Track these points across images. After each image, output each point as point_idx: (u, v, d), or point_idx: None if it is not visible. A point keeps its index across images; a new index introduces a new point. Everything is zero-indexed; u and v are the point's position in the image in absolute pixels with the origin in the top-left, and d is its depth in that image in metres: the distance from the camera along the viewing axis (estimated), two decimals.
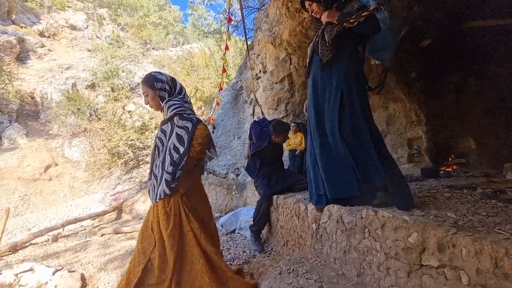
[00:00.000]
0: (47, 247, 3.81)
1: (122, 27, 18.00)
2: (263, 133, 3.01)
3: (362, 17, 1.65)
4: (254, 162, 3.13)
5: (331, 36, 1.78)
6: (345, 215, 1.55)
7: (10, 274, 2.54)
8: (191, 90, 7.95)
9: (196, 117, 1.64)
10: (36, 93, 12.00)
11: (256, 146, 3.05)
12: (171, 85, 1.67)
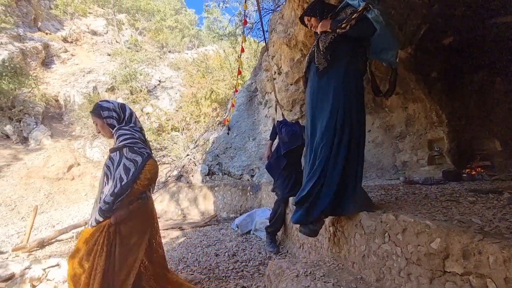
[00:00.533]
0: (72, 243, 4.00)
1: (140, 32, 18.55)
2: (295, 133, 2.99)
3: (353, 20, 1.63)
4: (279, 162, 3.08)
5: (325, 44, 1.78)
6: (364, 219, 1.53)
7: (38, 269, 2.69)
8: (207, 92, 8.08)
9: (147, 151, 1.59)
10: (60, 96, 12.56)
11: (287, 146, 2.99)
12: (119, 112, 1.66)
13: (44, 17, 16.03)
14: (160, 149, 7.27)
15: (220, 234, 3.80)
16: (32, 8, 15.33)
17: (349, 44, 1.76)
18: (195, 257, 2.88)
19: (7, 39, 12.46)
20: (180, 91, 12.80)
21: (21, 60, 12.06)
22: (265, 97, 5.60)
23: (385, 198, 2.22)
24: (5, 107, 9.74)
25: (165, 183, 5.61)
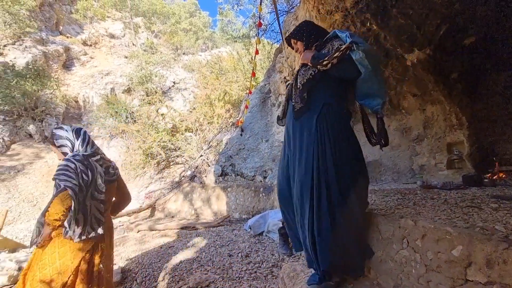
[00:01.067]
0: None
1: (156, 34, 18.99)
2: None
3: (334, 59, 1.43)
4: None
5: (303, 80, 1.56)
6: (382, 223, 1.51)
7: None
8: (220, 93, 8.16)
9: (66, 183, 1.51)
10: (79, 97, 13.04)
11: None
12: (72, 140, 1.67)
13: (65, 21, 16.70)
14: (174, 149, 7.41)
15: (233, 234, 3.83)
16: (54, 12, 16.01)
17: (331, 83, 1.55)
18: (209, 257, 2.92)
19: (31, 42, 13.07)
20: (193, 92, 12.99)
21: (43, 62, 12.62)
22: (278, 99, 5.59)
23: (403, 203, 2.17)
24: (28, 108, 10.20)
25: (179, 183, 5.71)
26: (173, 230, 4.24)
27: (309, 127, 1.51)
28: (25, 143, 9.93)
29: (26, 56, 12.18)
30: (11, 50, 12.38)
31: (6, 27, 12.05)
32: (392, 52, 3.69)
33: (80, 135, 1.71)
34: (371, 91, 1.57)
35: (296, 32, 1.72)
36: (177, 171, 7.18)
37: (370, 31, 3.46)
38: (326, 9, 3.36)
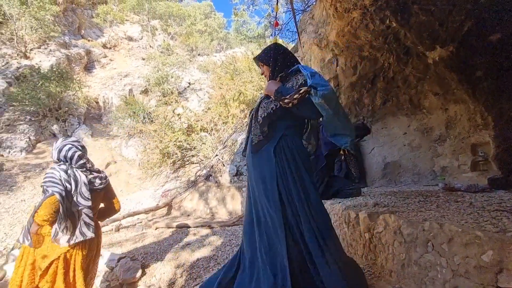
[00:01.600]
0: (111, 236, 4.29)
1: (172, 36, 19.38)
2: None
3: (295, 100, 1.41)
4: (317, 162, 2.99)
5: (264, 113, 1.52)
6: (405, 226, 1.47)
7: None
8: (235, 94, 8.22)
9: (53, 188, 1.68)
10: (99, 98, 13.52)
11: (330, 147, 2.87)
12: (55, 155, 1.87)
13: (87, 25, 17.37)
14: (189, 149, 7.53)
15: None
16: (76, 17, 16.69)
17: (292, 115, 1.51)
18: (225, 256, 2.94)
19: (55, 46, 13.69)
20: (208, 92, 13.15)
21: (66, 65, 13.18)
22: None
23: (425, 206, 2.11)
24: (52, 108, 10.68)
25: (195, 182, 5.80)
26: (190, 228, 4.31)
27: (269, 159, 1.48)
28: (49, 142, 10.40)
29: (51, 59, 12.78)
30: (37, 54, 13.03)
31: (33, 32, 12.68)
32: (413, 49, 3.59)
33: (60, 152, 1.87)
34: (337, 131, 1.55)
35: (263, 55, 1.67)
36: (193, 171, 7.29)
37: (390, 28, 3.38)
38: (344, 7, 3.31)
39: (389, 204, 2.29)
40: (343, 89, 4.15)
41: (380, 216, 1.70)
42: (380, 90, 4.19)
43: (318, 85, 1.39)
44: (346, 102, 4.26)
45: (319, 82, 1.41)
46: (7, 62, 11.94)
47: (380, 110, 4.36)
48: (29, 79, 10.61)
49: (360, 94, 4.20)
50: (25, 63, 12.03)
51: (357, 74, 3.95)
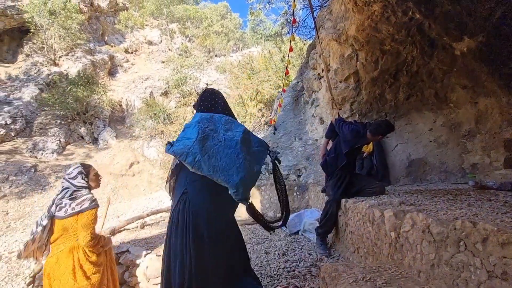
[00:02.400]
0: (137, 232, 4.47)
1: (190, 38, 19.79)
2: (359, 131, 2.89)
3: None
4: (337, 160, 2.95)
5: (173, 166, 1.57)
6: (434, 225, 1.41)
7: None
8: (252, 93, 8.25)
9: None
10: (122, 101, 14.09)
11: (351, 144, 2.86)
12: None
13: (110, 32, 18.14)
14: None
15: (268, 233, 3.85)
16: (100, 24, 17.48)
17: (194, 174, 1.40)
18: None
19: (81, 53, 14.42)
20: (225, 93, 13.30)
21: (92, 71, 13.85)
22: (311, 96, 5.49)
23: (455, 204, 2.01)
24: (80, 112, 11.27)
25: None
26: None
27: (175, 220, 1.39)
28: (77, 144, 10.99)
29: (78, 66, 13.49)
30: (65, 61, 13.80)
31: (61, 40, 13.44)
32: (438, 41, 3.42)
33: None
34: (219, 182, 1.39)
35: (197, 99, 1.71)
36: None
37: (413, 20, 3.24)
38: (363, 0, 3.21)
39: (416, 203, 2.21)
40: (364, 84, 4.04)
41: (407, 215, 1.65)
42: (403, 84, 4.04)
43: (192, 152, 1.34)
44: (368, 98, 4.14)
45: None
46: (39, 70, 12.75)
47: (403, 106, 4.20)
48: (59, 85, 11.27)
49: (382, 90, 4.07)
50: (54, 70, 12.79)
51: (378, 69, 3.83)
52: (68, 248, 1.98)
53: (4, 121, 9.52)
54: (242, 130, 1.51)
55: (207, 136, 1.40)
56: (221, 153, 1.36)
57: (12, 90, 11.31)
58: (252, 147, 1.51)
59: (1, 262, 4.29)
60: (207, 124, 1.46)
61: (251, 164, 1.42)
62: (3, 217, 6.35)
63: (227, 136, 1.44)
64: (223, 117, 1.54)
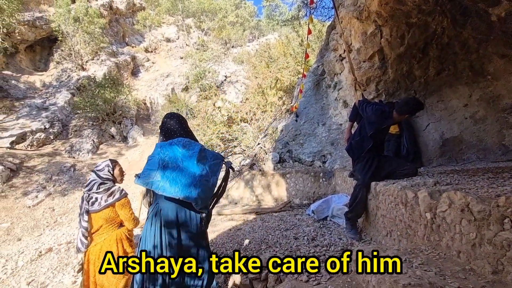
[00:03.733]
0: None
1: (206, 32, 19.87)
2: (384, 111, 2.77)
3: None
4: (362, 143, 2.84)
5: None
6: (474, 203, 1.34)
7: None
8: (271, 82, 8.16)
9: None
10: (146, 99, 14.61)
11: (376, 125, 2.74)
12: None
13: (129, 33, 18.71)
14: (231, 140, 7.75)
15: (295, 219, 3.88)
16: (120, 26, 18.07)
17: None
18: (276, 239, 3.02)
19: (105, 56, 15.07)
20: (244, 84, 13.28)
21: (116, 72, 14.46)
22: (334, 79, 5.30)
23: (496, 182, 1.89)
24: (109, 113, 11.87)
25: (240, 172, 5.98)
26: (239, 215, 4.50)
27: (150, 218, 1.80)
28: (109, 143, 11.65)
29: (103, 68, 14.14)
30: (91, 65, 14.52)
31: (86, 45, 14.12)
32: (471, 8, 3.13)
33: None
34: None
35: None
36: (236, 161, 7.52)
37: None
38: None
39: (452, 182, 2.10)
40: (390, 62, 3.83)
41: (443, 194, 1.57)
42: (433, 59, 3.77)
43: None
44: (394, 76, 3.93)
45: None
46: (69, 75, 13.56)
47: (434, 82, 3.94)
48: (88, 89, 11.93)
49: (409, 66, 3.84)
50: (83, 74, 13.53)
51: (405, 44, 3.61)
52: (112, 237, 2.19)
53: (44, 126, 10.30)
54: (198, 149, 1.78)
55: (167, 164, 1.70)
56: (179, 176, 1.67)
57: (47, 97, 12.17)
58: (208, 162, 1.81)
59: (53, 253, 4.74)
60: (166, 153, 1.75)
61: (207, 178, 1.74)
62: (50, 213, 6.97)
63: (184, 158, 1.74)
64: (182, 140, 1.82)
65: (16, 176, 8.06)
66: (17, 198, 7.23)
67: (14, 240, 5.75)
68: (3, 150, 8.73)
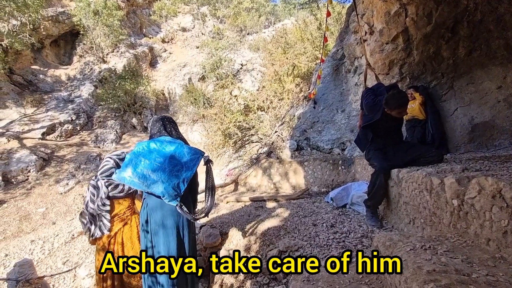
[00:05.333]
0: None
1: (221, 20, 19.65)
2: (376, 105, 2.70)
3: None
4: (365, 134, 2.88)
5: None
6: (507, 189, 1.26)
7: None
8: (288, 68, 7.99)
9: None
10: (165, 90, 14.86)
11: (367, 119, 2.78)
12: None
13: (146, 24, 18.91)
14: (248, 128, 7.76)
15: (314, 206, 3.87)
16: (137, 18, 18.29)
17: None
18: (294, 226, 3.04)
19: (124, 48, 15.38)
20: (261, 71, 13.11)
21: (135, 64, 14.76)
22: (354, 63, 5.10)
23: None
24: (130, 104, 12.23)
25: (257, 159, 6.02)
26: (257, 202, 4.56)
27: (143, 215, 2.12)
28: (131, 133, 12.06)
29: (123, 60, 14.48)
30: (111, 57, 14.91)
31: (106, 38, 14.47)
32: None
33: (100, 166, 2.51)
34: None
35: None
36: (253, 149, 7.55)
37: None
38: None
39: (482, 169, 1.99)
40: (415, 43, 3.61)
41: (472, 180, 1.50)
42: (463, 38, 3.52)
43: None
44: (420, 58, 3.71)
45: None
46: (91, 68, 14.03)
47: (464, 63, 3.69)
48: (109, 81, 12.30)
49: (437, 47, 3.60)
50: (104, 67, 13.95)
51: (432, 23, 3.37)
52: (134, 217, 2.40)
53: (70, 118, 10.83)
54: (175, 146, 1.98)
55: (139, 161, 1.88)
56: (150, 173, 1.85)
57: (72, 89, 12.72)
58: (185, 158, 1.97)
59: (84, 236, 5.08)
60: (141, 151, 1.93)
61: (179, 172, 1.91)
62: (80, 199, 7.43)
63: (158, 156, 1.91)
64: (162, 138, 2.03)
65: (48, 165, 8.61)
66: (50, 186, 7.75)
67: (50, 224, 6.22)
68: (36, 141, 9.32)
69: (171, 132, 2.15)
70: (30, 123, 10.06)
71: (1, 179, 7.33)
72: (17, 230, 5.99)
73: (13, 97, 10.86)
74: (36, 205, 6.94)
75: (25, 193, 7.25)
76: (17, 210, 6.59)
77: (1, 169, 7.53)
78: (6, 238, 5.70)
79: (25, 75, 12.14)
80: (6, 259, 4.83)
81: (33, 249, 5.08)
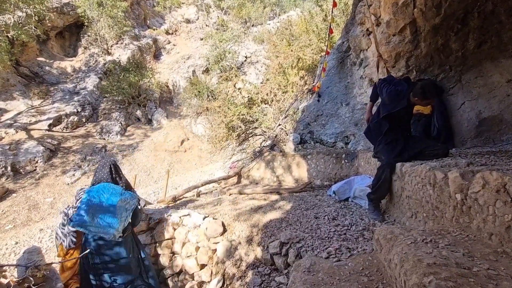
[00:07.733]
0: (194, 200, 4.93)
1: (225, 11, 19.41)
2: (400, 93, 2.64)
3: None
4: (379, 126, 2.78)
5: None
6: (511, 183, 1.25)
7: (176, 216, 3.46)
8: (293, 61, 7.90)
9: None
10: (169, 82, 14.85)
11: (389, 108, 2.65)
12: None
13: (150, 15, 18.77)
14: (252, 121, 7.75)
15: (316, 199, 3.88)
16: (141, 9, 18.16)
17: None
18: (296, 218, 3.06)
19: (128, 40, 15.33)
20: (265, 64, 13.00)
21: (139, 56, 14.73)
22: (360, 56, 5.01)
23: None
24: (134, 96, 12.27)
25: (260, 152, 6.02)
26: (260, 194, 4.59)
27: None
28: (135, 125, 12.14)
29: (127, 52, 14.45)
30: (116, 49, 14.88)
31: (110, 29, 14.42)
32: None
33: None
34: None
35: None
36: (256, 142, 7.56)
37: None
38: None
39: (487, 163, 1.97)
40: (423, 35, 3.53)
41: (476, 175, 1.48)
42: (473, 30, 3.42)
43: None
44: (428, 51, 3.63)
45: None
46: (96, 60, 14.04)
47: (473, 55, 3.60)
48: (113, 73, 12.32)
49: (445, 39, 3.51)
50: (108, 59, 13.95)
51: (441, 14, 3.28)
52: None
53: (76, 109, 10.92)
54: (119, 193, 2.39)
55: (89, 210, 2.24)
56: (101, 219, 2.24)
57: (78, 81, 12.78)
58: (126, 201, 2.40)
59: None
60: (93, 199, 2.28)
61: (122, 217, 2.33)
62: None
63: (108, 203, 2.30)
64: (108, 185, 2.44)
65: (55, 156, 8.74)
66: (57, 176, 7.89)
67: (57, 213, 6.35)
68: (43, 132, 9.45)
69: (114, 179, 2.58)
70: (37, 115, 10.18)
71: (10, 170, 7.48)
72: (26, 219, 6.14)
73: (20, 89, 10.97)
74: (44, 195, 7.08)
75: (34, 183, 7.40)
76: (26, 199, 6.74)
77: (10, 159, 7.67)
78: (16, 226, 5.85)
79: (31, 67, 12.22)
80: (16, 246, 4.97)
81: (42, 238, 5.21)
